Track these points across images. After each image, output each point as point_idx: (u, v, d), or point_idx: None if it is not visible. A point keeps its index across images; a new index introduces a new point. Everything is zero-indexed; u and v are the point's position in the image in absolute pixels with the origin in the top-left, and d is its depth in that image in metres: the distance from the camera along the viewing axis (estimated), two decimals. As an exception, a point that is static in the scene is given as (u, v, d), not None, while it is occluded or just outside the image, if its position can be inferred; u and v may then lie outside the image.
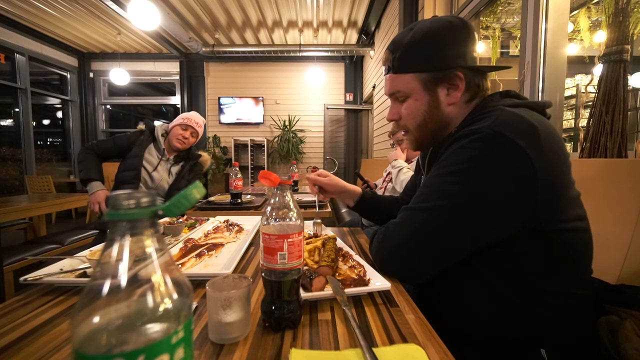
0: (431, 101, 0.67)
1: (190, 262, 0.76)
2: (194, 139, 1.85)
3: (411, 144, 0.75)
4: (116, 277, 0.23)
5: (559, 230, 0.57)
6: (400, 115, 0.72)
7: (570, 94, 2.88)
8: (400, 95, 0.70)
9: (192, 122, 1.81)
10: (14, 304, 0.58)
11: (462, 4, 2.29)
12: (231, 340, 0.45)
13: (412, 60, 0.66)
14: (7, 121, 4.64)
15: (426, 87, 0.66)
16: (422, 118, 0.68)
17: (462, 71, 0.65)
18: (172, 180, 1.81)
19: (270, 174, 0.50)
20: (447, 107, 0.68)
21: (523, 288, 0.59)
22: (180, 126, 1.80)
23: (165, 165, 1.82)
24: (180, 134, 1.79)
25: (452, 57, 0.65)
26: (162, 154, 1.81)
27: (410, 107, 0.69)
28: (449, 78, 0.65)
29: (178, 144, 1.79)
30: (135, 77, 5.52)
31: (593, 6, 1.84)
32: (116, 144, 1.78)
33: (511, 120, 0.55)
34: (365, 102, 5.58)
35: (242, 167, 5.61)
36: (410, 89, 0.68)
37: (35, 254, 1.95)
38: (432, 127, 0.69)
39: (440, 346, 0.45)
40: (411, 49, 0.66)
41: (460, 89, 0.66)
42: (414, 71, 0.66)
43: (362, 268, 0.67)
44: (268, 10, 4.14)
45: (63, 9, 3.97)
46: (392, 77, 0.70)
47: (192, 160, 1.89)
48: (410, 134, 0.73)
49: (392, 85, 0.70)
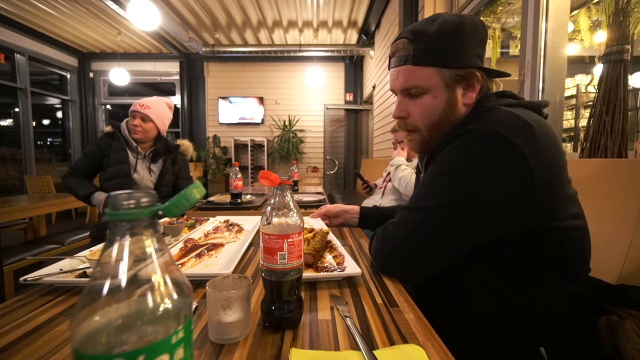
0: (449, 100, 0.62)
1: (190, 262, 0.76)
2: (149, 124, 1.65)
3: (417, 145, 0.69)
4: (116, 277, 0.23)
5: (555, 228, 0.57)
6: (409, 113, 0.66)
7: (571, 94, 2.88)
8: (415, 90, 0.63)
9: (136, 107, 1.62)
10: (14, 304, 0.58)
11: (462, 4, 2.29)
12: (231, 340, 0.45)
13: (437, 54, 0.60)
14: (7, 121, 4.64)
15: (447, 84, 0.61)
16: (439, 118, 0.63)
17: (479, 72, 0.62)
18: (154, 178, 1.70)
19: (270, 174, 0.50)
20: (461, 108, 0.64)
21: (522, 287, 0.59)
22: (130, 116, 1.65)
23: (143, 163, 1.69)
24: (131, 124, 1.63)
25: (473, 57, 0.61)
26: (135, 151, 1.67)
27: (426, 105, 0.63)
28: (468, 77, 0.62)
29: (134, 135, 1.63)
30: (135, 77, 5.52)
31: (593, 6, 1.84)
32: (89, 157, 1.65)
33: (507, 119, 0.55)
34: (365, 102, 5.58)
35: (242, 167, 5.61)
36: (430, 85, 0.62)
37: (35, 254, 1.95)
38: (446, 127, 0.64)
39: (440, 346, 0.45)
40: (436, 41, 0.60)
41: (476, 90, 0.63)
42: (437, 65, 0.60)
43: (342, 257, 0.74)
44: (268, 10, 4.14)
45: (63, 9, 3.97)
46: (409, 70, 0.62)
47: (172, 152, 1.76)
48: (419, 134, 0.67)
49: (409, 79, 0.63)
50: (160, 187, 1.69)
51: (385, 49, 3.82)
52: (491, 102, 0.64)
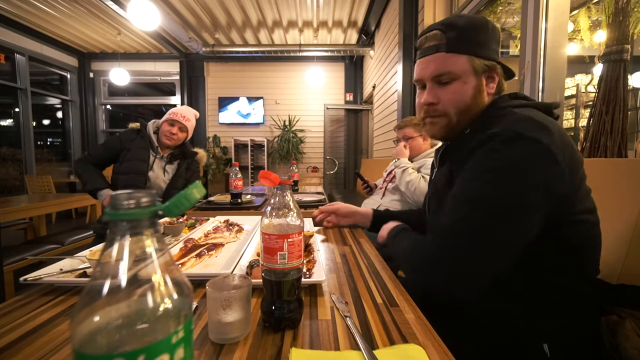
0: (478, 87, 0.67)
1: (190, 262, 0.76)
2: (184, 134, 1.78)
3: (441, 129, 0.71)
4: (116, 277, 0.23)
5: (572, 221, 0.58)
6: (440, 99, 0.69)
7: (570, 94, 2.87)
8: (447, 77, 0.67)
9: (178, 117, 1.73)
10: (14, 304, 0.58)
11: (462, 4, 2.29)
12: (231, 340, 0.45)
13: (470, 44, 0.66)
14: (7, 121, 4.64)
15: (476, 71, 0.66)
16: (468, 102, 0.67)
17: (500, 65, 0.68)
18: (167, 178, 1.76)
19: (270, 174, 0.50)
20: (485, 97, 0.69)
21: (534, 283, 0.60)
22: (167, 122, 1.73)
23: (160, 163, 1.75)
24: (168, 130, 1.72)
25: (495, 51, 0.68)
26: (156, 151, 1.75)
27: (457, 90, 0.67)
28: (492, 69, 0.67)
29: (167, 141, 1.72)
30: (135, 77, 5.51)
31: (593, 6, 1.83)
32: (108, 148, 1.70)
33: (526, 121, 0.58)
34: (365, 102, 5.58)
35: (242, 167, 5.61)
36: (462, 71, 0.66)
37: (35, 254, 1.95)
38: (474, 112, 0.68)
39: (440, 346, 0.45)
40: (468, 32, 0.66)
41: (495, 81, 0.69)
42: (469, 53, 0.65)
43: (314, 263, 0.72)
44: (268, 10, 4.14)
45: (63, 9, 3.97)
46: (443, 57, 0.66)
47: (189, 158, 1.83)
48: (446, 118, 0.70)
49: (442, 65, 0.66)
50: (171, 190, 1.74)
51: (385, 48, 3.82)
52: (505, 103, 0.67)
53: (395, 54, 3.22)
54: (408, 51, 2.81)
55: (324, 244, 0.98)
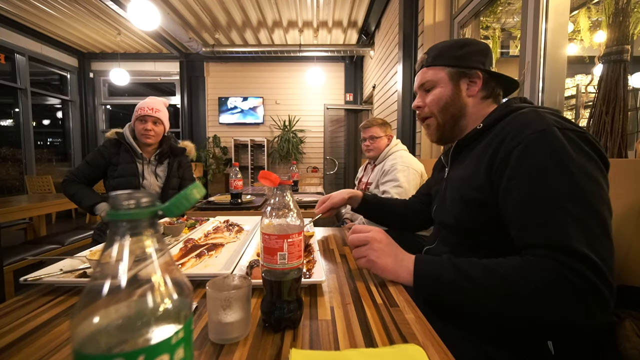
0: (454, 89, 0.79)
1: (190, 262, 0.76)
2: (160, 126, 1.64)
3: (434, 131, 0.84)
4: (116, 277, 0.23)
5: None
6: (425, 103, 0.83)
7: (570, 94, 2.87)
8: (428, 84, 0.82)
9: (146, 111, 1.59)
10: (14, 304, 0.58)
11: (462, 4, 2.29)
12: (231, 340, 0.45)
13: (443, 58, 0.80)
14: (7, 121, 4.64)
15: (451, 78, 0.79)
16: (445, 102, 0.80)
17: (481, 72, 0.78)
18: (161, 182, 1.69)
19: (270, 174, 0.50)
20: (466, 98, 0.80)
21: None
22: (138, 120, 1.61)
23: (150, 168, 1.67)
24: (142, 128, 1.60)
25: (474, 61, 0.79)
26: (142, 158, 1.65)
27: (436, 94, 0.81)
28: (470, 75, 0.78)
29: (146, 140, 1.61)
30: (135, 77, 5.51)
31: (593, 6, 1.84)
32: (91, 165, 1.60)
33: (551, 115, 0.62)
34: (365, 102, 5.57)
35: (242, 167, 5.61)
36: (437, 79, 0.80)
37: (35, 254, 1.95)
38: (453, 111, 0.80)
39: (440, 346, 0.45)
40: (446, 50, 0.81)
41: (478, 85, 0.79)
42: (442, 65, 0.80)
43: (314, 263, 0.73)
44: (268, 10, 4.14)
45: (63, 9, 3.97)
46: (425, 70, 0.83)
47: (178, 156, 1.75)
48: (434, 119, 0.83)
49: (423, 77, 0.83)
50: (168, 191, 1.68)
51: (385, 48, 3.82)
52: (517, 104, 0.72)
53: (395, 54, 3.22)
54: (408, 51, 2.81)
55: (324, 244, 0.98)
